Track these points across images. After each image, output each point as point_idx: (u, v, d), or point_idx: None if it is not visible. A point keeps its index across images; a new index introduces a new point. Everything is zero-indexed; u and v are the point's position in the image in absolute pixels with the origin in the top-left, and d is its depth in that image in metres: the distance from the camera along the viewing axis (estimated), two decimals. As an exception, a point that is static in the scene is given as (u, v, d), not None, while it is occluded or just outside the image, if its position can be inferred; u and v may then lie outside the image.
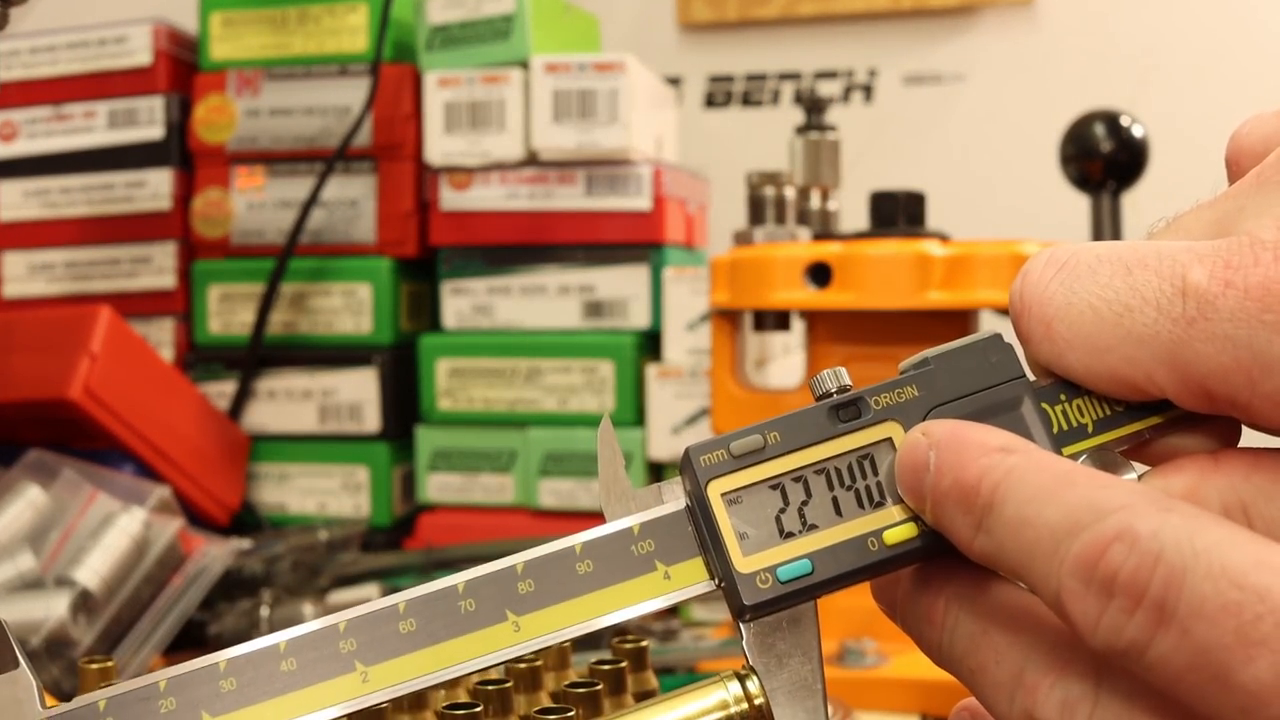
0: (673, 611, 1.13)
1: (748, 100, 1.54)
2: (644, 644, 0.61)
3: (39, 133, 1.24)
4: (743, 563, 0.39)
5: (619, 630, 0.98)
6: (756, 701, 0.39)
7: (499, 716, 0.52)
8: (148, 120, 1.22)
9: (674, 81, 1.53)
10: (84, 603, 0.89)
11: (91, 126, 1.23)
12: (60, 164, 1.23)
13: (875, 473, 0.39)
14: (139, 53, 1.22)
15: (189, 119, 1.22)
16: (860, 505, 0.39)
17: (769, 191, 1.04)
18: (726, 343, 0.97)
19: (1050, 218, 1.20)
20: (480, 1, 1.18)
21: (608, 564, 0.41)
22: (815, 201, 1.08)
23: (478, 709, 0.51)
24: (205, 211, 1.22)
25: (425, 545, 1.13)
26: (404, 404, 1.20)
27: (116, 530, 0.93)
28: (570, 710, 0.52)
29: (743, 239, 1.01)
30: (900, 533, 0.39)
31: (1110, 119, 1.08)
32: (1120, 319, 0.36)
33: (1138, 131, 1.08)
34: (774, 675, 0.40)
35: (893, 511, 0.39)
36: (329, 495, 1.20)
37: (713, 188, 1.36)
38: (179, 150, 1.23)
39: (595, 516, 1.26)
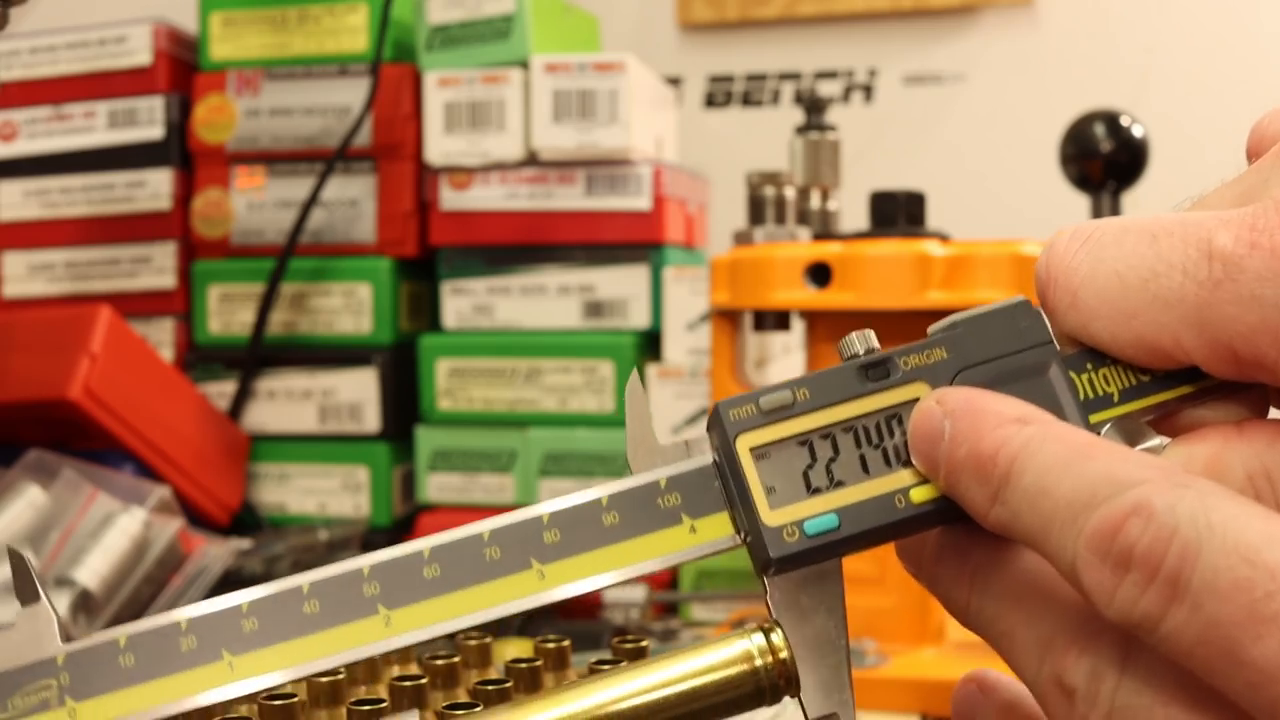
0: (673, 611, 1.13)
1: (748, 100, 1.54)
2: (644, 644, 0.61)
3: (39, 133, 1.24)
4: (770, 516, 0.39)
5: (619, 630, 0.98)
6: (781, 655, 0.39)
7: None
8: (148, 120, 1.22)
9: (674, 81, 1.53)
10: (84, 603, 0.89)
11: (91, 126, 1.23)
12: (60, 164, 1.23)
13: (903, 432, 0.39)
14: (139, 53, 1.22)
15: (189, 119, 1.22)
16: (887, 464, 0.39)
17: (769, 191, 1.04)
18: (726, 343, 0.97)
19: (1050, 218, 1.20)
20: (480, 1, 1.18)
21: (633, 516, 0.40)
22: (815, 201, 1.08)
23: (478, 709, 0.51)
24: (205, 211, 1.22)
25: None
26: (404, 404, 1.20)
27: (116, 530, 0.93)
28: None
29: (743, 239, 1.00)
30: (927, 491, 0.39)
31: (1110, 119, 1.08)
32: (1146, 284, 0.36)
33: (1138, 132, 1.08)
34: (798, 630, 0.39)
35: (918, 478, 0.39)
36: (329, 495, 1.20)
37: (713, 188, 1.36)
38: (179, 150, 1.23)
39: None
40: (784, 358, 1.12)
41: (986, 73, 1.50)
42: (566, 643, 0.59)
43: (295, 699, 0.52)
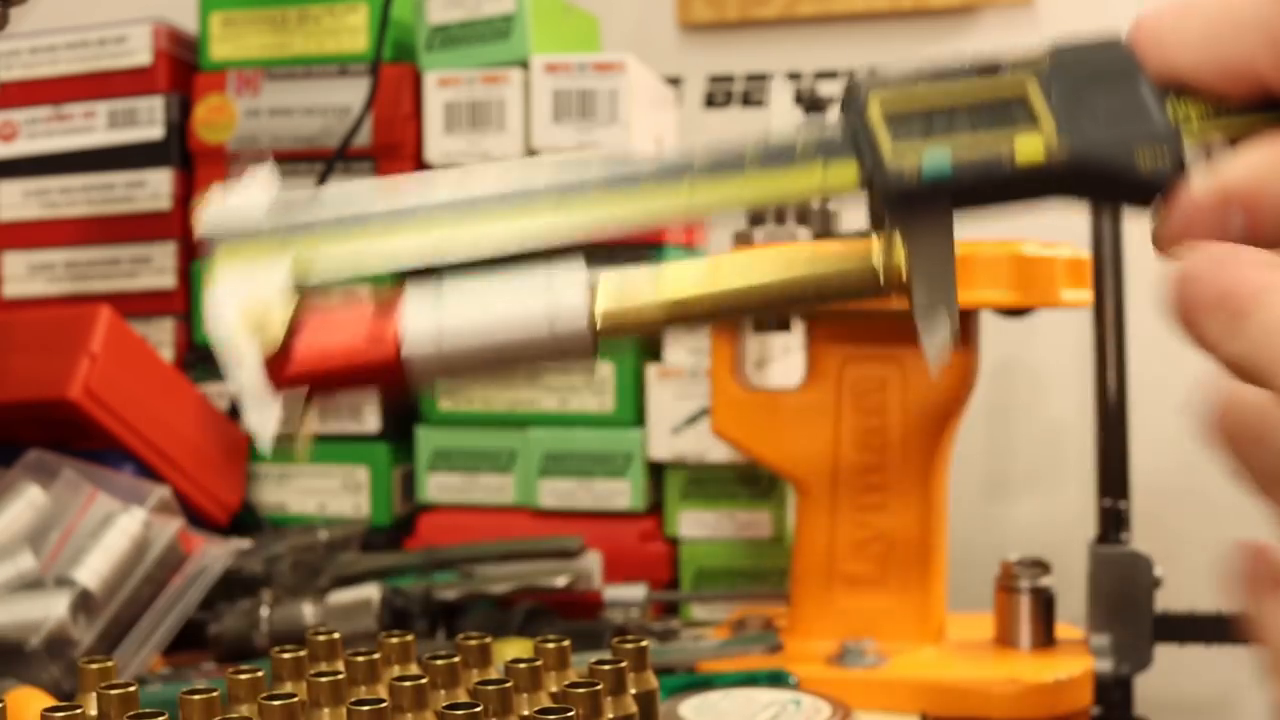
0: (673, 611, 1.13)
1: (748, 100, 1.54)
2: (644, 644, 0.61)
3: (39, 133, 1.24)
4: (894, 159, 0.46)
5: (619, 630, 0.98)
6: (898, 263, 0.46)
7: (499, 716, 0.52)
8: (148, 120, 1.22)
9: (674, 81, 1.53)
10: (84, 603, 0.89)
11: (91, 126, 1.23)
12: (60, 164, 1.23)
13: (1009, 113, 0.46)
14: (139, 53, 1.22)
15: (189, 119, 1.23)
16: (995, 133, 0.46)
17: (769, 191, 1.04)
18: (727, 343, 0.97)
19: (1049, 218, 1.20)
20: (480, 1, 1.18)
21: (774, 155, 0.46)
22: (815, 201, 1.08)
23: (478, 709, 0.51)
24: (205, 211, 1.22)
25: (425, 545, 1.13)
26: (404, 404, 1.21)
27: (116, 530, 0.93)
28: (571, 710, 0.52)
29: (742, 239, 1.01)
30: (1029, 151, 0.46)
31: (1110, 119, 1.08)
32: (1225, 11, 0.41)
33: (1137, 132, 1.08)
34: (913, 251, 0.46)
35: (1025, 139, 0.46)
36: (329, 495, 1.21)
37: (713, 188, 1.36)
38: (179, 150, 1.23)
39: (596, 517, 1.26)
40: (784, 358, 1.12)
41: (986, 73, 1.50)
42: (566, 642, 0.59)
43: (295, 699, 0.53)
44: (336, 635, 0.62)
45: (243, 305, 0.45)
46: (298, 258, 0.45)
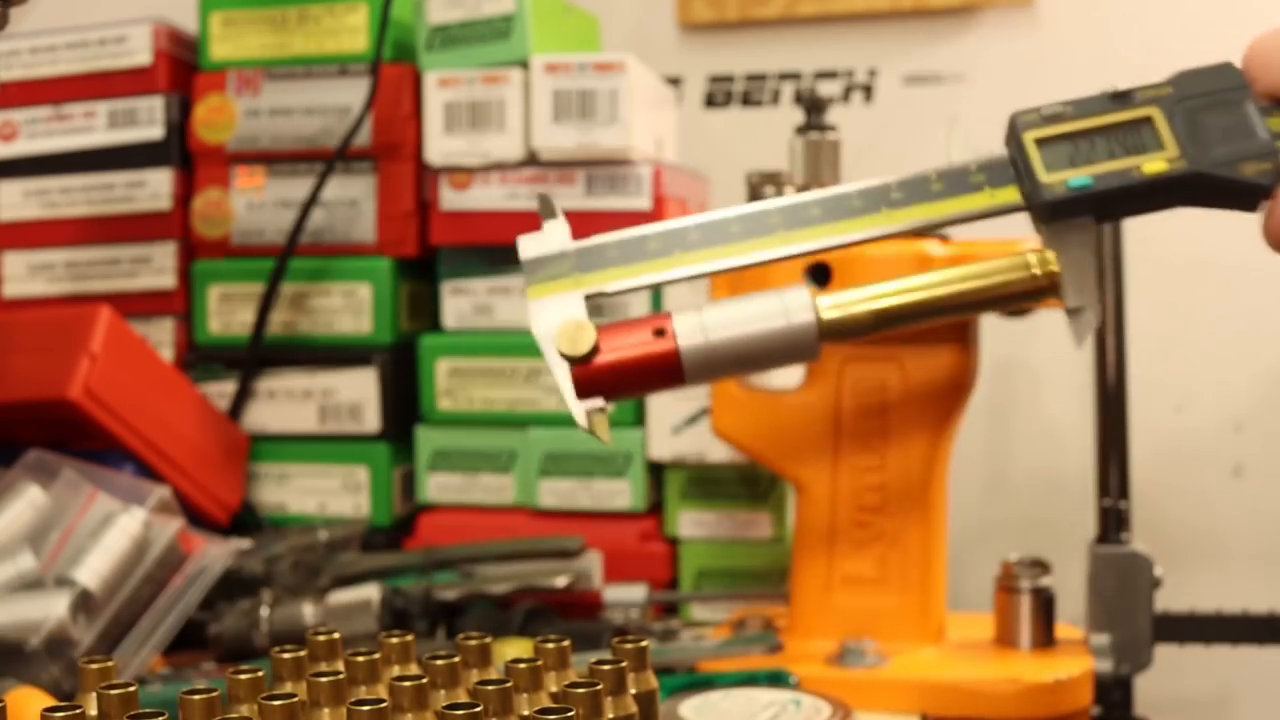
0: (672, 611, 1.14)
1: (748, 100, 1.54)
2: (644, 644, 0.61)
3: (39, 133, 1.24)
4: (1046, 177, 0.59)
5: (619, 630, 0.98)
6: (1051, 269, 0.59)
7: (499, 716, 0.52)
8: (148, 120, 1.22)
9: (674, 81, 1.53)
10: (84, 602, 0.90)
11: (91, 126, 1.23)
12: (60, 164, 1.24)
13: (1138, 135, 0.59)
14: (139, 53, 1.22)
15: (189, 119, 1.23)
16: (1127, 152, 0.59)
17: (769, 191, 1.04)
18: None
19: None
20: (480, 2, 1.18)
21: (952, 184, 0.60)
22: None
23: (478, 709, 0.51)
24: (205, 211, 1.23)
25: (425, 545, 1.13)
26: (404, 404, 1.21)
27: (116, 530, 0.93)
28: (571, 710, 0.52)
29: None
30: (1155, 166, 0.59)
31: (1110, 119, 1.09)
32: None
33: (1137, 131, 1.08)
34: (1063, 256, 0.59)
35: (1151, 156, 0.58)
36: (329, 495, 1.21)
37: (713, 187, 1.36)
38: (179, 150, 1.23)
39: (596, 517, 1.26)
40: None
41: (986, 73, 1.50)
42: (566, 642, 0.59)
43: (295, 699, 0.53)
44: (336, 635, 0.62)
45: (559, 323, 0.60)
46: (592, 286, 0.61)
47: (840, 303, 0.61)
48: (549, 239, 0.63)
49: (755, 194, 1.05)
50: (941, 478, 0.96)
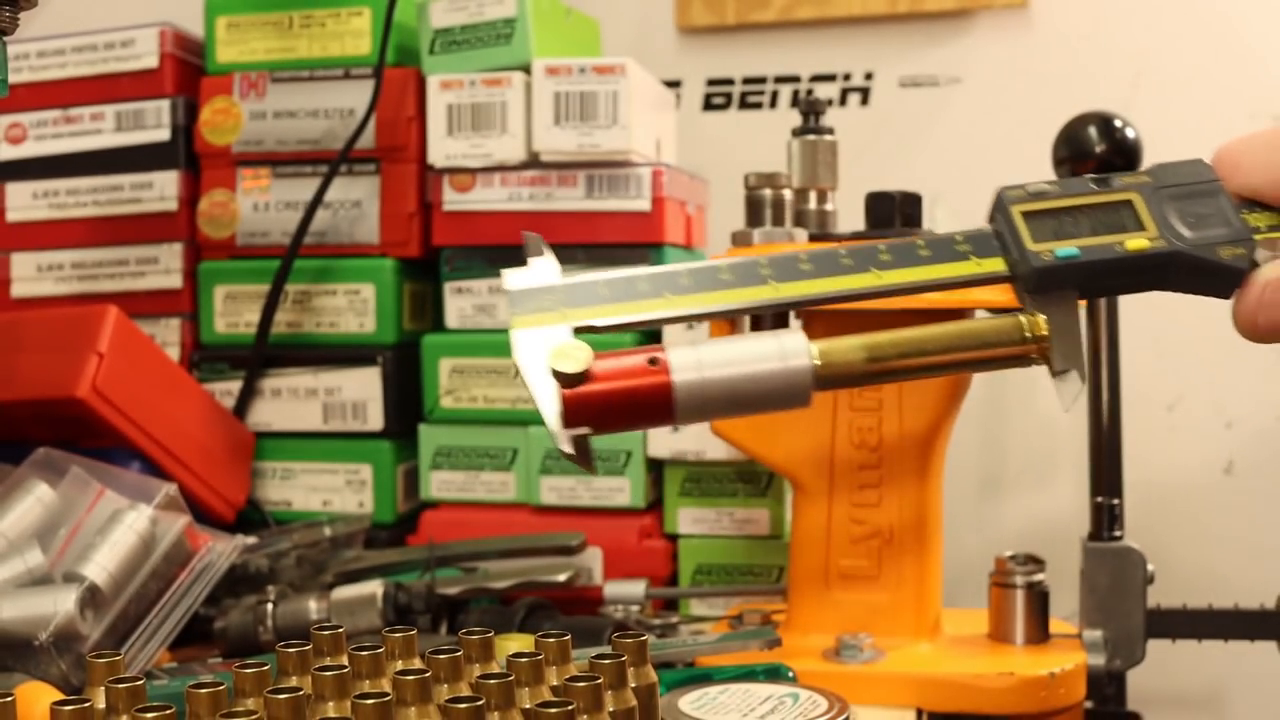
0: (671, 606, 1.15)
1: (745, 103, 1.55)
2: (644, 639, 0.62)
3: (47, 135, 1.25)
4: (1033, 245, 0.60)
5: (619, 625, 0.99)
6: (1041, 332, 0.59)
7: (501, 710, 0.53)
8: (155, 123, 1.23)
9: (673, 84, 1.54)
10: (91, 598, 0.90)
11: (99, 129, 1.24)
12: (68, 166, 1.24)
13: (1120, 215, 0.61)
14: (146, 56, 1.23)
15: (195, 121, 1.24)
16: (1110, 230, 0.61)
17: (767, 193, 1.05)
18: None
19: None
20: (482, 6, 1.19)
21: (939, 251, 0.61)
22: (812, 202, 1.09)
23: (480, 702, 0.52)
24: (211, 212, 1.24)
25: (428, 542, 1.14)
26: (407, 402, 1.22)
27: (124, 527, 0.93)
28: (571, 704, 0.53)
29: (740, 239, 1.02)
30: (1137, 244, 0.60)
31: (1104, 121, 1.09)
32: None
33: (1131, 134, 1.09)
34: (1051, 321, 0.60)
35: (1133, 235, 0.61)
36: (333, 492, 1.22)
37: (711, 189, 1.37)
38: (185, 152, 1.24)
39: (596, 514, 1.27)
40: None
41: (981, 75, 1.51)
42: (567, 637, 0.60)
43: (300, 692, 0.54)
44: (341, 630, 0.62)
45: (550, 346, 0.58)
46: (581, 320, 0.59)
47: (837, 348, 0.61)
48: (536, 273, 0.62)
49: (753, 195, 1.06)
50: (937, 474, 0.97)
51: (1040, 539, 1.18)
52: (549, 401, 0.58)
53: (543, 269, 0.63)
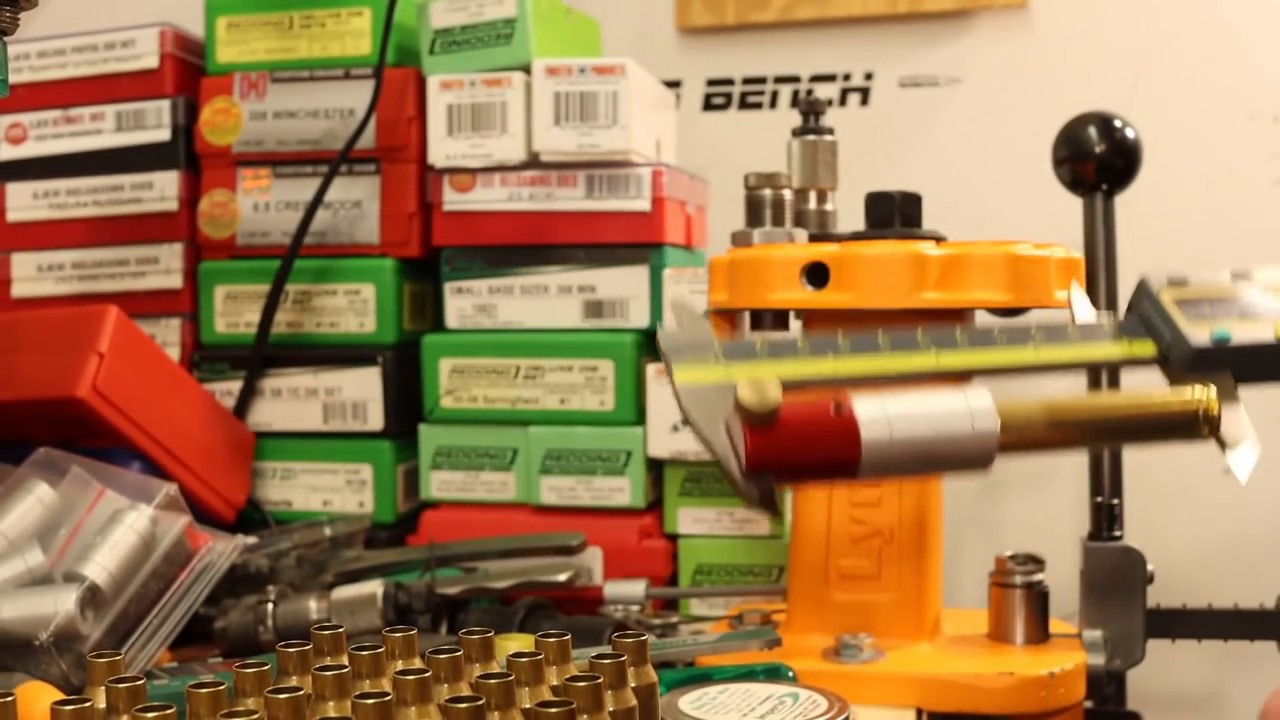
0: (672, 606, 1.15)
1: (745, 103, 1.55)
2: (644, 638, 0.62)
3: (47, 135, 1.25)
4: (1189, 328, 0.64)
5: (619, 625, 0.99)
6: (1214, 412, 0.63)
7: (501, 710, 0.53)
8: (155, 123, 1.23)
9: (673, 84, 1.54)
10: (92, 598, 0.90)
11: (99, 129, 1.24)
12: (68, 166, 1.25)
13: (1265, 304, 0.66)
14: (146, 56, 1.23)
15: (195, 121, 1.24)
16: (1257, 316, 0.66)
17: (767, 193, 1.05)
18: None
19: (1044, 219, 1.22)
20: (482, 6, 1.19)
21: (1088, 334, 0.66)
22: (812, 202, 1.09)
23: (480, 702, 0.52)
24: (211, 213, 1.24)
25: (428, 541, 1.14)
26: (407, 402, 1.22)
27: (124, 527, 0.93)
28: (571, 704, 0.53)
29: (740, 239, 1.02)
30: None
31: (1103, 121, 1.09)
32: None
33: (1130, 134, 1.09)
34: (1220, 396, 0.64)
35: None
36: (333, 492, 1.22)
37: (711, 189, 1.37)
38: (186, 152, 1.24)
39: (596, 514, 1.27)
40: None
41: (981, 76, 1.51)
42: (567, 637, 0.60)
43: (301, 692, 0.54)
44: (341, 630, 0.62)
45: (743, 381, 0.57)
46: (753, 370, 0.60)
47: (1021, 409, 0.63)
48: (692, 328, 0.63)
49: (753, 195, 1.06)
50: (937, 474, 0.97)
51: (1040, 538, 1.18)
52: (726, 447, 0.57)
53: (698, 324, 0.63)
